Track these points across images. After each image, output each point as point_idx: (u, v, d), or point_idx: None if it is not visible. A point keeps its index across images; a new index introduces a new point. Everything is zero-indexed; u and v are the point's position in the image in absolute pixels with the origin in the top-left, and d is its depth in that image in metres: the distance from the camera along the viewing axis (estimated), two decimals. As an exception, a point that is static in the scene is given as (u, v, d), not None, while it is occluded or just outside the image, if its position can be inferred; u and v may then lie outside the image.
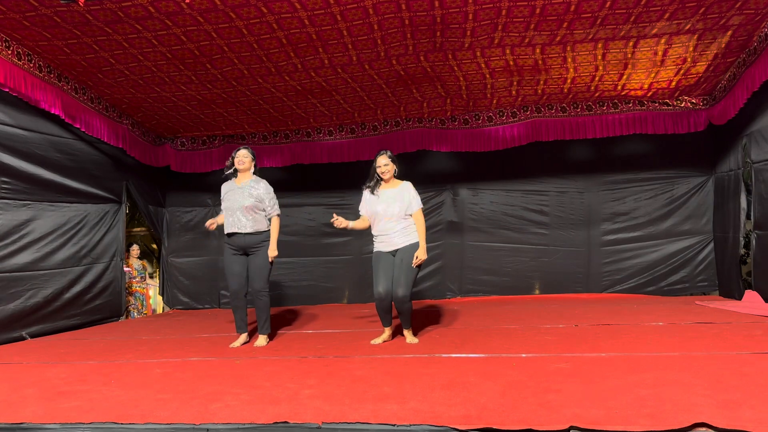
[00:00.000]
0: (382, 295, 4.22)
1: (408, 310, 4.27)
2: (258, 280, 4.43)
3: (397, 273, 4.19)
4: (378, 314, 4.38)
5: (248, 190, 4.46)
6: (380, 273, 4.24)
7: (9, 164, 5.21)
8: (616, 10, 4.93)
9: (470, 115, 7.52)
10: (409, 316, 4.32)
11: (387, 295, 4.22)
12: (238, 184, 4.52)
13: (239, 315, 4.54)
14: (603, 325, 4.72)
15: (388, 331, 4.38)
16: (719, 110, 6.63)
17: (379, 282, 4.24)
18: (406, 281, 4.17)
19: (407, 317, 4.31)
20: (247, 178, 4.54)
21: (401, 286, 4.15)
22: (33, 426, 2.42)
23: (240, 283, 4.47)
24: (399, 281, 4.16)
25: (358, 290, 7.91)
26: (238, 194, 4.45)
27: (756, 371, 2.82)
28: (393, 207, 4.26)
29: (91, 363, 3.93)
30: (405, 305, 4.22)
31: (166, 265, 8.30)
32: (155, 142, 7.84)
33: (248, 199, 4.42)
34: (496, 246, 7.75)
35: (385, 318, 4.35)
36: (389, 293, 4.22)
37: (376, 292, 4.24)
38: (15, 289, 5.26)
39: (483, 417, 2.25)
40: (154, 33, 4.95)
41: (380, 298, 4.24)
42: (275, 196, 4.59)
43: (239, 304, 4.52)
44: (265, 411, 2.46)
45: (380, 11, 4.79)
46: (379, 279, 4.24)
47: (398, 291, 4.15)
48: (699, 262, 7.32)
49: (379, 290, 4.22)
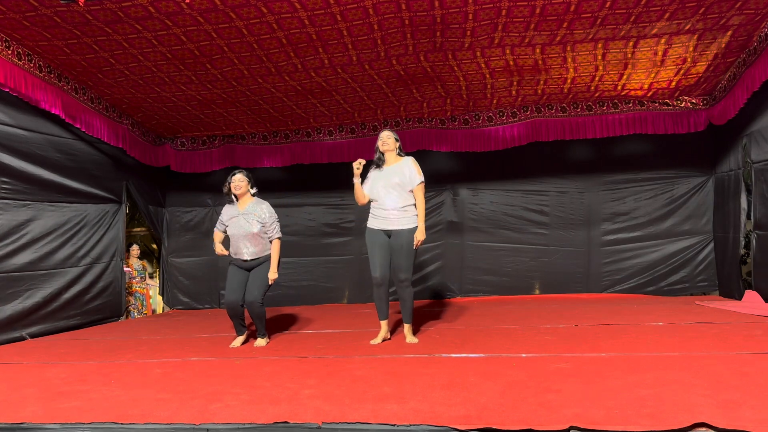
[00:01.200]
0: (378, 279, 4.18)
1: (410, 295, 4.22)
2: (254, 291, 4.40)
3: (396, 259, 4.15)
4: (375, 304, 4.33)
5: (253, 217, 4.42)
6: (375, 255, 4.20)
7: (9, 164, 5.21)
8: (616, 10, 4.93)
9: (470, 115, 7.52)
10: (410, 304, 4.25)
11: (384, 280, 4.19)
12: (241, 210, 4.48)
13: (236, 321, 4.55)
14: (603, 325, 4.71)
15: (386, 325, 4.33)
16: (719, 110, 6.63)
17: (375, 266, 4.20)
18: (407, 265, 4.14)
19: (409, 306, 4.24)
20: (248, 201, 4.52)
21: (402, 270, 4.13)
22: (33, 426, 2.42)
23: (237, 296, 4.45)
24: (400, 267, 4.14)
25: (358, 290, 7.91)
26: (243, 221, 4.43)
27: (756, 371, 2.82)
28: (392, 179, 4.21)
29: (91, 363, 3.93)
30: (407, 289, 4.17)
31: (166, 265, 8.30)
32: (155, 142, 7.84)
33: (255, 226, 4.40)
34: (496, 246, 7.75)
35: (382, 308, 4.29)
36: (386, 278, 4.19)
37: (373, 276, 4.20)
38: (15, 289, 5.26)
39: (483, 417, 2.25)
40: (154, 33, 4.95)
41: (377, 284, 4.20)
42: (277, 218, 4.58)
43: (235, 313, 4.50)
44: (265, 411, 2.46)
45: (380, 11, 4.79)
46: (376, 263, 4.20)
47: (400, 274, 4.13)
48: (699, 262, 7.32)
49: (376, 275, 4.18)
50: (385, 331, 4.33)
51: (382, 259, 4.20)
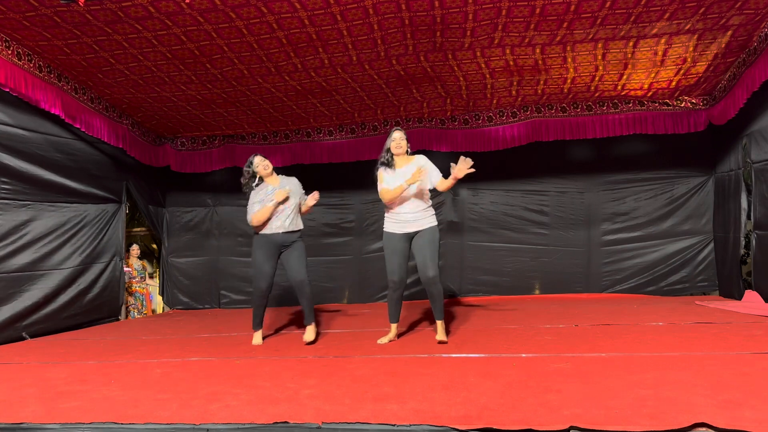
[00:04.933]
0: (397, 283, 4.15)
1: (439, 293, 4.15)
2: (301, 271, 4.47)
3: (422, 258, 4.08)
4: (388, 307, 4.31)
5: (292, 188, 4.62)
6: (394, 260, 4.15)
7: (9, 164, 5.21)
8: (616, 10, 4.92)
9: (470, 115, 7.52)
10: (441, 301, 4.18)
11: (402, 283, 4.16)
12: (276, 185, 4.60)
13: (260, 312, 4.61)
14: (603, 325, 4.71)
15: (395, 328, 4.33)
16: (719, 110, 6.63)
17: (394, 270, 4.14)
18: (433, 261, 4.08)
19: (440, 302, 4.17)
20: (276, 180, 4.67)
21: (430, 268, 4.05)
22: (33, 426, 2.42)
23: (269, 283, 4.54)
24: (426, 263, 4.06)
25: (358, 290, 7.91)
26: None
27: (756, 371, 2.82)
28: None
29: (91, 363, 3.93)
30: (436, 287, 4.10)
31: (166, 265, 8.30)
32: (155, 142, 7.84)
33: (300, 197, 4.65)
34: (496, 246, 7.75)
35: (395, 311, 4.27)
36: (404, 282, 4.17)
37: (390, 280, 4.15)
38: (15, 289, 5.26)
39: (483, 417, 2.25)
40: (154, 33, 4.95)
41: (394, 288, 4.17)
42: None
43: (263, 303, 4.59)
44: (265, 411, 2.46)
45: (380, 11, 4.79)
46: (394, 266, 4.14)
47: (428, 272, 4.04)
48: (699, 262, 7.31)
49: (394, 278, 4.14)
50: (393, 333, 4.33)
51: (401, 262, 4.16)
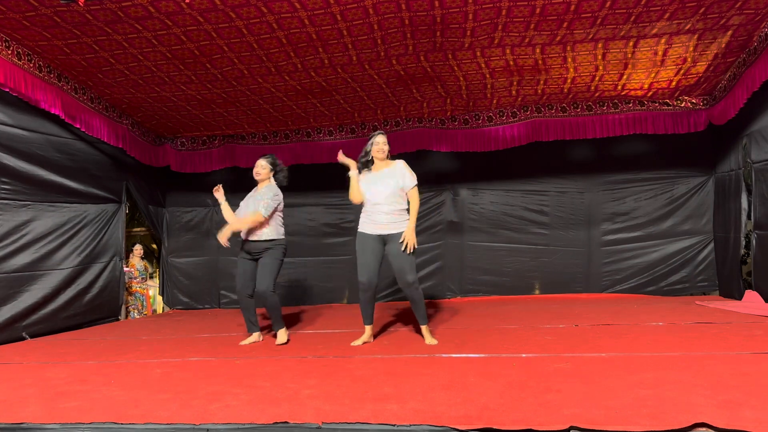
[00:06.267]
0: (365, 284, 4.12)
1: (420, 297, 4.15)
2: (263, 281, 4.41)
3: (398, 263, 4.06)
4: (361, 308, 4.29)
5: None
6: (365, 261, 4.13)
7: (9, 164, 5.21)
8: (616, 10, 4.92)
9: (470, 115, 7.52)
10: (422, 305, 4.18)
11: (371, 285, 4.13)
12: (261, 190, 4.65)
13: (246, 315, 4.58)
14: (603, 325, 4.71)
15: (369, 330, 4.30)
16: (719, 110, 6.63)
17: (363, 270, 4.12)
18: (410, 266, 4.06)
19: (421, 307, 4.17)
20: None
21: (407, 273, 4.04)
22: (33, 426, 2.42)
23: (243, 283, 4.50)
24: (404, 268, 4.04)
25: (357, 290, 7.90)
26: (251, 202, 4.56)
27: (756, 371, 2.82)
28: (388, 183, 4.16)
29: (91, 363, 3.93)
30: (416, 292, 4.10)
31: (166, 265, 8.30)
32: (155, 142, 7.84)
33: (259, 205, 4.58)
34: (496, 246, 7.75)
35: (367, 312, 4.26)
36: (373, 283, 4.14)
37: (359, 281, 4.15)
38: (15, 289, 5.26)
39: (483, 417, 2.25)
40: (154, 33, 4.95)
41: (363, 289, 4.15)
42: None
43: (245, 304, 4.55)
44: (265, 411, 2.46)
45: (380, 11, 4.79)
46: (363, 267, 4.12)
47: (407, 277, 4.04)
48: (699, 262, 7.31)
49: (363, 279, 4.12)
50: (368, 335, 4.30)
51: (372, 263, 4.13)
